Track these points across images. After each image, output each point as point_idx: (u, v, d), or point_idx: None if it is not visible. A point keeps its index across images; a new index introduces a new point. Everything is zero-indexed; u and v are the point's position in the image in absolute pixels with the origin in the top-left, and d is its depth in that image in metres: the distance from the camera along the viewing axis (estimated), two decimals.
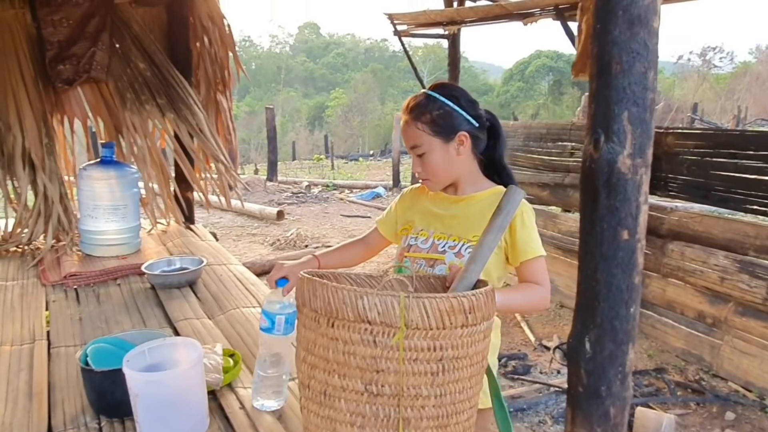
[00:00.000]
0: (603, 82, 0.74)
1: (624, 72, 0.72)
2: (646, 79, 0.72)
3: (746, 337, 3.09)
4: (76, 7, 3.01)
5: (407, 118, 1.47)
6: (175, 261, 2.33)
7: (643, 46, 0.72)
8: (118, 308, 2.04)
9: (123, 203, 2.55)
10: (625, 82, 0.72)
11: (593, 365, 0.77)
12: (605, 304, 0.75)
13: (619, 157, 0.72)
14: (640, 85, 0.72)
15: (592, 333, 0.76)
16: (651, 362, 3.46)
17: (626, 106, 0.72)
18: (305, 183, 11.70)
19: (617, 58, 0.72)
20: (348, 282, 1.25)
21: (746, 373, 3.09)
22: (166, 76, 3.06)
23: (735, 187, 3.10)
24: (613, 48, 0.73)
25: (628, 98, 0.72)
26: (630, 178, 0.72)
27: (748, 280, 3.04)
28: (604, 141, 0.73)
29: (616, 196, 0.73)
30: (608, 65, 0.72)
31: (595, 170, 0.73)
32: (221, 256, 2.66)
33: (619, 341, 0.75)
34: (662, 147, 3.42)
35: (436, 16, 3.98)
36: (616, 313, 0.74)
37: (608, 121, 0.73)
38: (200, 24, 3.31)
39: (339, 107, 37.52)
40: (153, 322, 1.93)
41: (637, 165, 0.72)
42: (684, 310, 3.43)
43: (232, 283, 2.28)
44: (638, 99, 0.73)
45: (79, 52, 2.99)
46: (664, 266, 3.50)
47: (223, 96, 3.45)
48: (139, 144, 2.97)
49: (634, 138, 0.72)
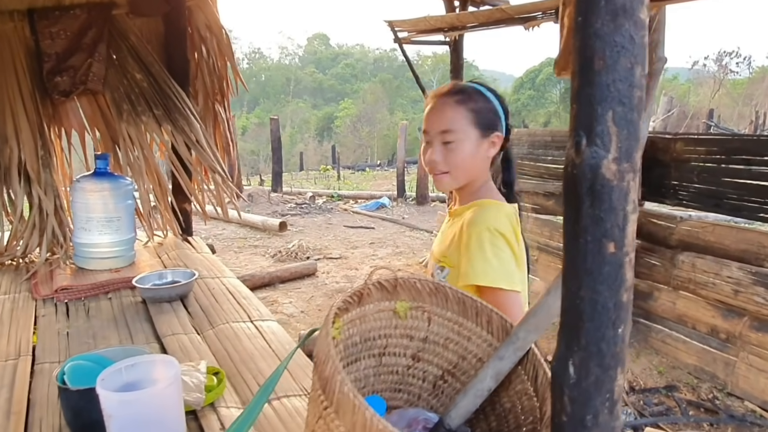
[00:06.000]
0: (585, 79, 0.67)
1: (607, 68, 0.65)
2: (633, 75, 0.65)
3: (763, 354, 2.95)
4: (74, 19, 3.00)
5: (447, 99, 1.35)
6: (166, 274, 2.28)
7: (629, 39, 0.65)
8: (107, 323, 1.99)
9: (117, 215, 2.51)
10: (609, 79, 0.65)
11: (578, 392, 0.69)
12: (590, 324, 0.68)
13: (603, 161, 0.65)
14: (625, 82, 0.65)
15: (576, 356, 0.69)
16: (662, 379, 3.33)
17: (610, 106, 0.65)
18: (309, 194, 11.66)
19: (600, 52, 0.65)
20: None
21: (763, 392, 2.94)
22: (162, 87, 3.04)
23: (748, 195, 2.98)
24: (595, 42, 0.66)
25: (612, 97, 0.66)
26: (616, 184, 0.65)
27: (764, 293, 2.91)
28: (587, 144, 0.66)
29: (601, 205, 0.66)
30: (590, 61, 0.66)
31: (578, 176, 0.67)
32: (215, 268, 2.60)
33: (606, 365, 0.67)
34: (671, 154, 3.33)
35: (436, 22, 3.93)
36: (603, 335, 0.67)
37: (591, 122, 0.67)
38: (198, 34, 3.29)
39: (348, 117, 37.71)
40: (140, 338, 1.87)
41: (624, 170, 0.65)
42: (696, 325, 3.31)
43: (223, 297, 2.22)
44: (624, 97, 0.66)
45: (76, 63, 2.97)
46: (675, 278, 3.38)
47: (222, 107, 3.43)
48: (136, 155, 2.93)
49: (620, 141, 0.65)
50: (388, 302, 1.00)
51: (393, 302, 1.01)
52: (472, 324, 1.02)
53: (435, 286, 1.02)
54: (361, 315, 0.97)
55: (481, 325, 1.01)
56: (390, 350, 1.05)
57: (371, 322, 0.99)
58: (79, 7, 3.00)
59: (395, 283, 1.00)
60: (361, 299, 0.96)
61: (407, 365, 1.07)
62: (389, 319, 1.01)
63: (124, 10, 3.09)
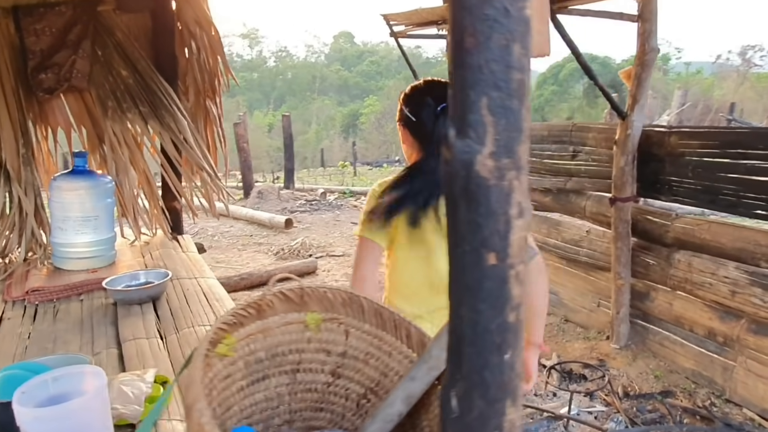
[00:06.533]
0: (457, 60, 0.56)
1: (479, 46, 0.55)
2: (509, 54, 0.55)
3: (762, 359, 2.77)
4: (59, 15, 2.96)
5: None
6: (139, 275, 2.22)
7: (503, 12, 0.55)
8: (72, 326, 1.94)
9: (94, 214, 2.46)
10: (481, 60, 0.55)
11: (461, 427, 0.59)
12: (472, 349, 0.58)
13: (477, 157, 0.55)
14: (501, 62, 0.55)
15: (459, 386, 0.58)
16: (658, 384, 3.16)
17: (484, 91, 0.55)
18: (320, 190, 11.59)
19: (470, 28, 0.55)
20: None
21: (762, 399, 2.75)
22: (149, 84, 2.98)
23: (744, 190, 2.78)
24: (464, 15, 0.55)
25: (486, 80, 0.55)
26: (493, 184, 0.55)
27: (762, 294, 2.72)
28: (458, 136, 0.55)
29: (477, 209, 0.56)
30: (461, 38, 0.55)
31: (451, 175, 0.56)
32: (196, 269, 2.54)
33: (492, 398, 0.57)
34: (666, 147, 3.14)
35: (428, 15, 3.81)
36: (486, 361, 0.57)
37: (463, 111, 0.56)
38: (187, 30, 3.23)
39: (372, 114, 37.69)
40: (101, 342, 1.81)
41: (504, 167, 0.55)
42: (693, 327, 3.13)
43: (196, 299, 2.15)
44: (500, 81, 0.55)
45: (61, 60, 2.93)
46: (671, 278, 3.20)
47: (213, 103, 3.36)
48: (122, 153, 2.88)
49: (497, 132, 0.55)
50: (297, 314, 0.92)
51: (303, 314, 0.92)
52: (391, 338, 0.93)
53: (348, 296, 0.93)
54: (264, 328, 0.88)
55: (400, 338, 0.92)
56: (305, 366, 0.96)
57: (278, 335, 0.90)
58: (65, 4, 2.96)
59: (301, 293, 0.91)
60: (261, 311, 0.88)
61: (327, 382, 0.98)
62: (300, 332, 0.93)
63: (111, 5, 3.04)
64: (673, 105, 16.28)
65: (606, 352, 3.47)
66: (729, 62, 31.85)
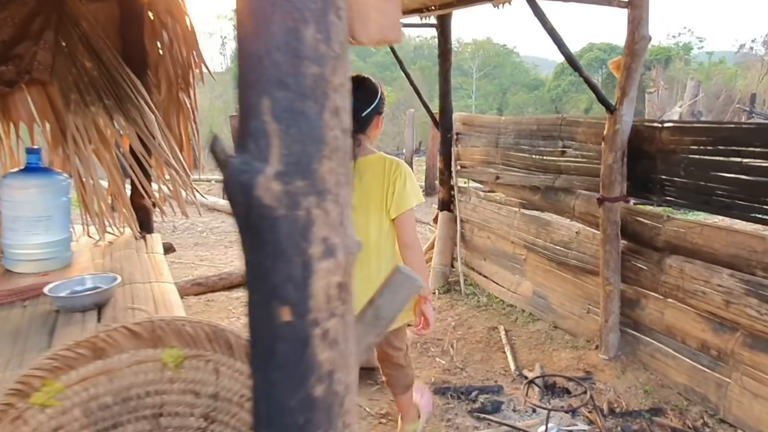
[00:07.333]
0: (240, 51, 0.42)
1: (258, 32, 0.40)
2: (300, 41, 0.41)
3: (758, 376, 2.57)
4: (21, 5, 2.84)
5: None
6: (86, 280, 2.10)
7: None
8: (6, 336, 1.82)
9: (46, 214, 2.34)
10: (262, 50, 0.41)
11: None
12: (268, 431, 0.44)
13: (258, 178, 0.41)
14: (287, 52, 0.41)
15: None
16: (647, 400, 2.96)
17: (266, 90, 0.40)
18: None
19: (248, 6, 0.41)
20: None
21: (758, 420, 2.55)
22: (114, 76, 2.85)
23: (739, 191, 2.59)
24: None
25: (268, 76, 0.41)
26: (282, 215, 0.41)
27: (758, 305, 2.52)
28: (237, 150, 0.42)
29: (263, 248, 0.42)
30: (241, 23, 0.41)
31: (230, 202, 0.42)
32: (154, 272, 2.42)
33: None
34: (657, 144, 2.95)
35: (410, 3, 3.67)
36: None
37: (243, 117, 0.42)
38: (158, 20, 3.10)
39: (388, 105, 37.61)
40: (32, 354, 1.69)
41: (296, 192, 0.41)
42: (685, 339, 2.93)
43: (144, 306, 2.03)
44: (287, 77, 0.41)
45: (23, 52, 2.82)
46: (662, 285, 3.00)
47: (187, 95, 3.24)
48: (85, 148, 2.76)
49: (285, 145, 0.41)
50: (152, 351, 0.78)
51: (159, 350, 0.78)
52: None
53: (212, 329, 0.79)
54: (106, 369, 0.74)
55: None
56: (170, 410, 0.82)
57: (129, 376, 0.76)
58: None
59: (152, 327, 0.77)
60: (98, 350, 0.74)
61: (199, 427, 0.85)
62: (158, 371, 0.79)
63: None
64: (685, 96, 15.95)
65: (594, 363, 3.28)
66: (753, 51, 31.05)
